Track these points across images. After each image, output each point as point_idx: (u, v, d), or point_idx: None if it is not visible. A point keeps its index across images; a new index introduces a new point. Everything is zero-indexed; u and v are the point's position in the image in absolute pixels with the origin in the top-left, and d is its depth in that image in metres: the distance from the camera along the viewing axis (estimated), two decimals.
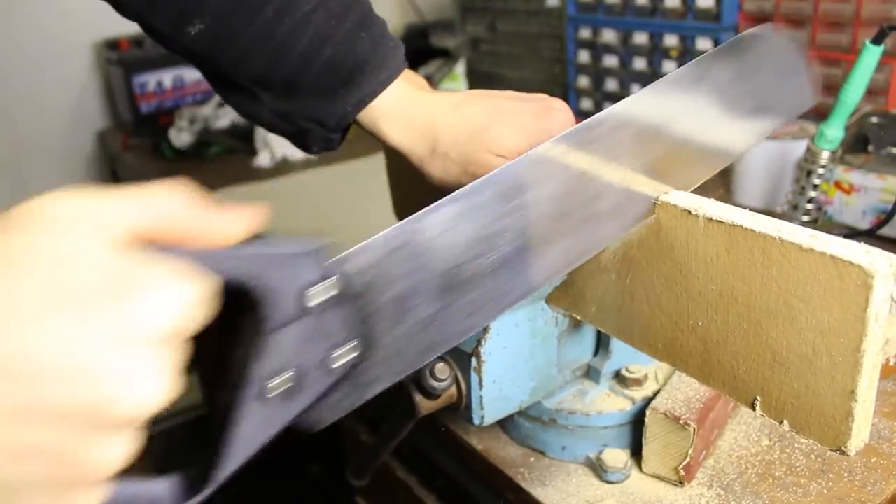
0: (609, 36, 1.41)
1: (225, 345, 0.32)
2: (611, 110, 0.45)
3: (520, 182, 0.41)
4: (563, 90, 1.54)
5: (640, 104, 0.47)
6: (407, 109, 0.57)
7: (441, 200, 0.38)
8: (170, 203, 0.29)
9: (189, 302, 0.27)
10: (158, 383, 0.27)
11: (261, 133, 1.55)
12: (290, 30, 0.56)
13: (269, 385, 0.31)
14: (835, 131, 0.83)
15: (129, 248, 0.27)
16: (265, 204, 0.31)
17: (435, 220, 0.38)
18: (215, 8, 0.56)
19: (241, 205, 0.30)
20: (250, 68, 0.58)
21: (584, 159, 0.44)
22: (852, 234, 0.86)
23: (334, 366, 0.33)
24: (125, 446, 0.27)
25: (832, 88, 0.77)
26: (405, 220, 0.37)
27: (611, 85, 1.45)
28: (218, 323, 0.30)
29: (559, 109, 0.56)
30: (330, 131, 0.60)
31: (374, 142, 0.61)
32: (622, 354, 0.63)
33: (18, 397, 0.25)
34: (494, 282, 0.41)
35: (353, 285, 0.33)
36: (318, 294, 0.32)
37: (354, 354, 0.33)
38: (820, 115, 0.86)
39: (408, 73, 0.60)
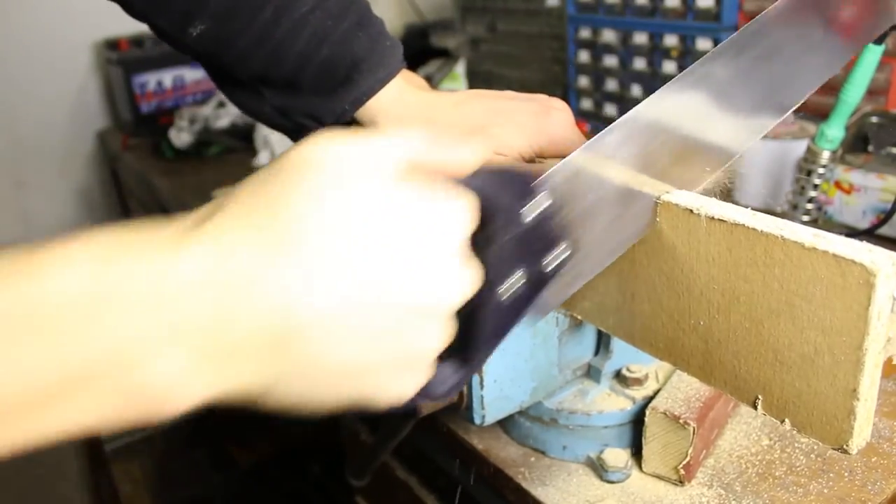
0: (609, 36, 1.41)
1: None
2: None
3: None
4: (563, 90, 1.54)
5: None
6: (406, 109, 0.58)
7: (607, 128, 0.43)
8: (419, 141, 0.34)
9: (466, 215, 0.33)
10: (466, 280, 0.33)
11: (261, 133, 1.55)
12: (288, 30, 0.56)
13: (502, 289, 0.36)
14: (835, 131, 0.83)
15: (404, 180, 0.32)
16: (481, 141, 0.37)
17: (607, 142, 0.43)
18: (215, 9, 0.57)
19: (467, 139, 0.36)
20: (251, 67, 0.58)
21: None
22: (852, 233, 0.86)
23: (549, 268, 0.38)
24: (444, 333, 0.33)
25: (832, 88, 0.77)
26: (585, 144, 0.42)
27: (611, 85, 1.45)
28: None
29: (558, 109, 0.56)
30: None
31: None
32: (623, 354, 0.63)
33: (371, 298, 0.30)
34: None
35: (558, 197, 0.39)
36: (533, 208, 0.37)
37: (565, 255, 0.39)
38: (820, 114, 0.86)
39: (407, 74, 0.60)
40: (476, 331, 0.36)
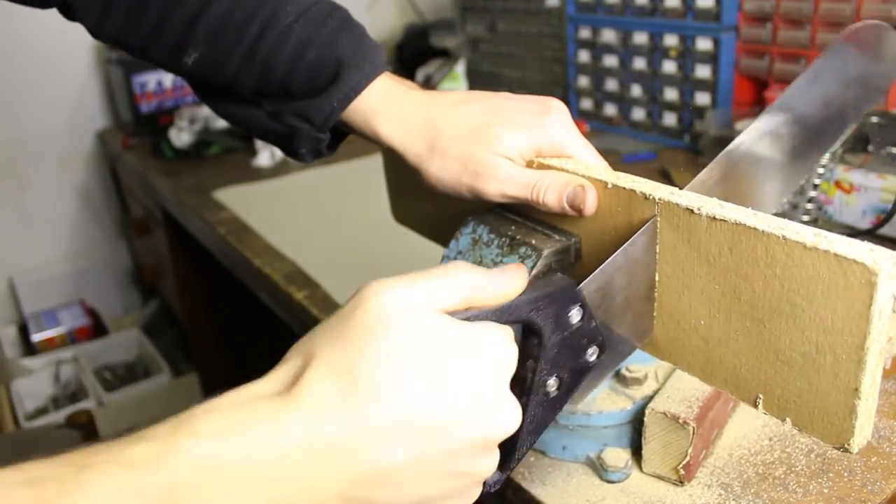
0: (609, 36, 1.41)
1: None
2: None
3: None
4: (563, 90, 1.54)
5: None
6: (400, 107, 0.58)
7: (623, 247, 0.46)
8: (466, 279, 0.38)
9: (511, 347, 0.38)
10: (515, 410, 0.38)
11: None
12: (274, 42, 0.59)
13: (550, 388, 0.42)
14: None
15: (458, 324, 0.37)
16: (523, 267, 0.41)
17: (626, 255, 0.46)
18: (205, 36, 0.60)
19: (511, 268, 0.40)
20: (245, 83, 0.61)
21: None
22: (852, 233, 0.86)
23: (590, 361, 0.44)
24: (496, 457, 0.39)
25: None
26: (612, 257, 0.46)
27: (611, 85, 1.45)
28: None
29: (557, 108, 0.56)
30: (318, 130, 0.60)
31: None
32: None
33: (435, 445, 0.35)
34: None
35: (590, 304, 0.44)
36: (574, 315, 0.42)
37: (598, 351, 0.44)
38: None
39: (396, 76, 0.60)
40: (516, 441, 0.41)
